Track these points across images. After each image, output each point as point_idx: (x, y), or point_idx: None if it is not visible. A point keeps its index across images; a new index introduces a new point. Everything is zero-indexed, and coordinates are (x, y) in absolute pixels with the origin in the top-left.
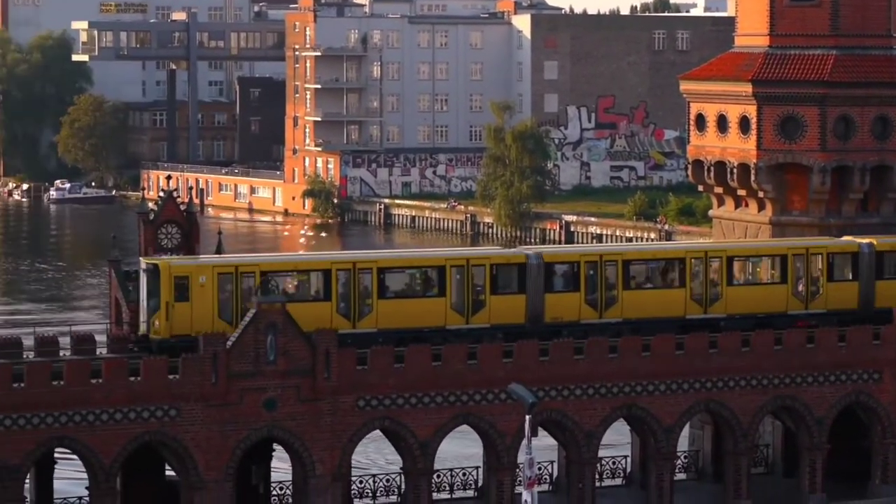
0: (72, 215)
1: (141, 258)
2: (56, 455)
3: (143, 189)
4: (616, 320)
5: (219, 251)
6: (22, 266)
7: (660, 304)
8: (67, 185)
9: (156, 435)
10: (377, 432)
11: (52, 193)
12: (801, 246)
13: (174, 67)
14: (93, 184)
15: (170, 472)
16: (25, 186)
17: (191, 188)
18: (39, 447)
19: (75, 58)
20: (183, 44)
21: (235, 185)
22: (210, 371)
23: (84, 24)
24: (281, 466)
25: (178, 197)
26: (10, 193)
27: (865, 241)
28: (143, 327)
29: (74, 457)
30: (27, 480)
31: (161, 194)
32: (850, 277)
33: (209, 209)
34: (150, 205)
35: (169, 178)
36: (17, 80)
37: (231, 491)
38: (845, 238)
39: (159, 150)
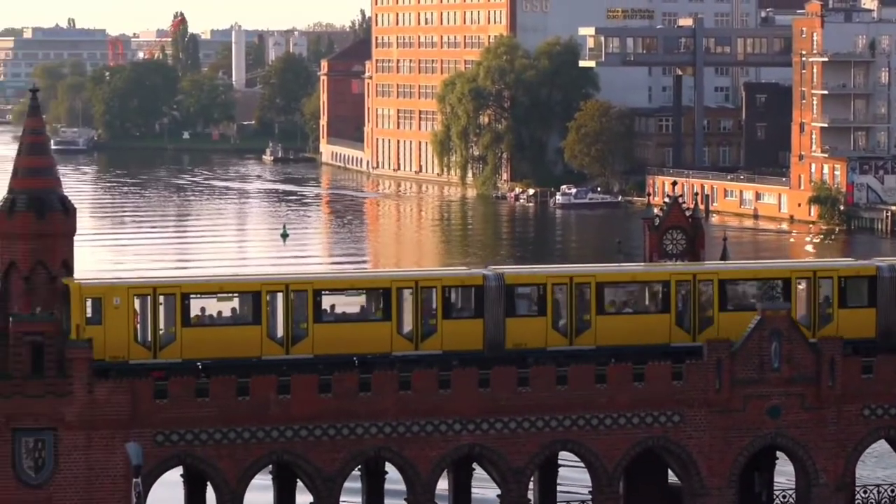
0: (577, 220)
1: (62, 278)
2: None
3: (649, 194)
4: (588, 348)
5: (723, 258)
6: None
7: (640, 331)
8: (573, 191)
9: (659, 440)
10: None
11: (558, 198)
12: (806, 268)
13: (680, 73)
14: (598, 189)
15: (672, 478)
16: (532, 191)
17: (696, 194)
18: (543, 450)
19: (582, 63)
20: (689, 49)
21: (741, 192)
22: (714, 377)
23: (591, 30)
24: (783, 475)
25: (684, 202)
26: (516, 198)
27: (886, 263)
28: None
29: (577, 460)
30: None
31: (666, 200)
32: (867, 304)
33: (714, 215)
34: (656, 210)
35: (674, 183)
36: (525, 86)
37: (734, 498)
38: (865, 260)
39: (665, 155)
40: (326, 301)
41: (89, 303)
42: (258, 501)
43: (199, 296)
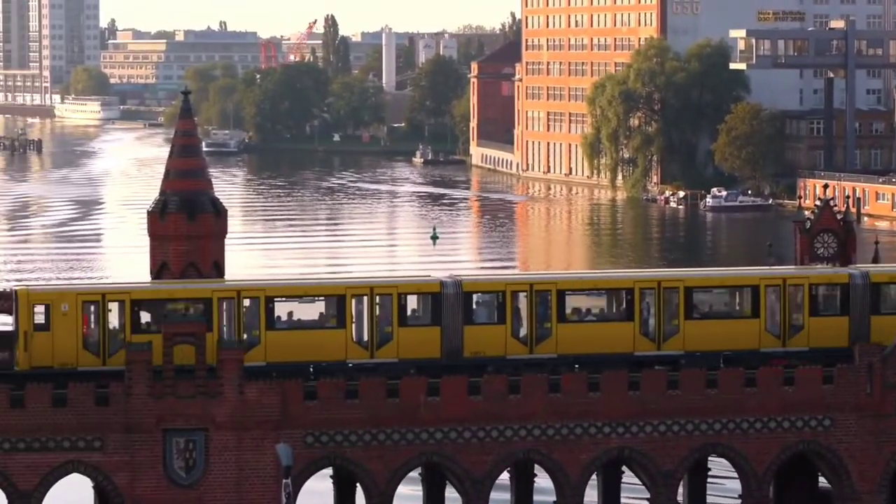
0: (728, 223)
1: (14, 285)
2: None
3: (800, 197)
4: (549, 356)
5: (875, 261)
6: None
7: (602, 340)
8: (724, 193)
9: (809, 444)
10: None
11: (709, 201)
12: (776, 276)
13: (832, 75)
14: (749, 192)
15: (823, 483)
16: (682, 194)
17: (847, 197)
18: (693, 453)
19: (733, 66)
20: (841, 52)
21: (893, 194)
22: (865, 381)
23: (742, 33)
24: None
25: (835, 206)
26: (666, 201)
27: (859, 271)
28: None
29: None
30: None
31: (817, 203)
32: (839, 312)
33: (865, 218)
34: (807, 213)
35: (826, 186)
36: (675, 88)
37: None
38: (837, 268)
39: (816, 158)
40: (282, 308)
41: (37, 309)
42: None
43: (149, 303)
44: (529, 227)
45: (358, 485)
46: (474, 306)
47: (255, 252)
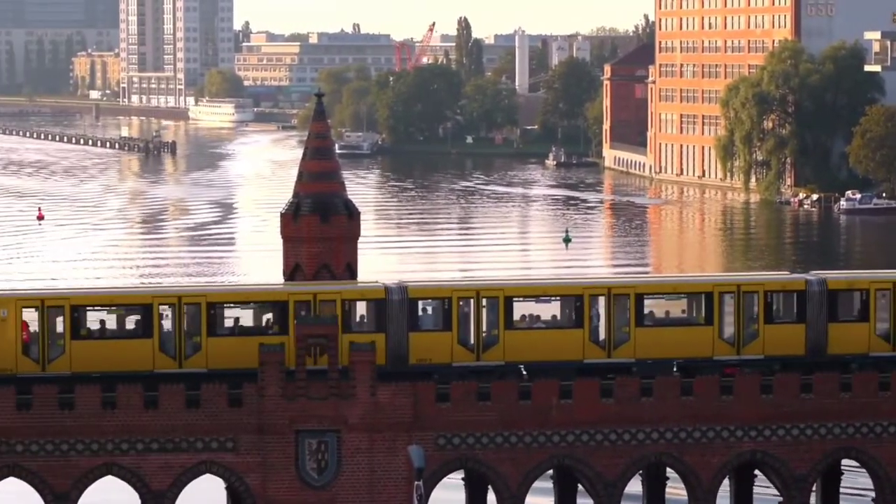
0: (862, 226)
1: None
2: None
3: None
4: (496, 363)
5: None
6: None
7: (551, 347)
8: (858, 196)
9: None
10: None
11: (843, 204)
12: (730, 282)
13: None
14: (884, 194)
15: None
16: (815, 196)
17: None
18: (826, 457)
19: (867, 68)
20: None
21: None
22: None
23: (877, 35)
24: None
25: None
26: (800, 203)
27: (816, 277)
28: None
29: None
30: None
31: None
32: (796, 319)
33: None
34: None
35: None
36: (809, 90)
37: None
38: (794, 274)
39: None
40: (227, 314)
41: None
42: None
43: (89, 308)
44: (662, 229)
45: (490, 487)
46: (420, 313)
47: (388, 254)
